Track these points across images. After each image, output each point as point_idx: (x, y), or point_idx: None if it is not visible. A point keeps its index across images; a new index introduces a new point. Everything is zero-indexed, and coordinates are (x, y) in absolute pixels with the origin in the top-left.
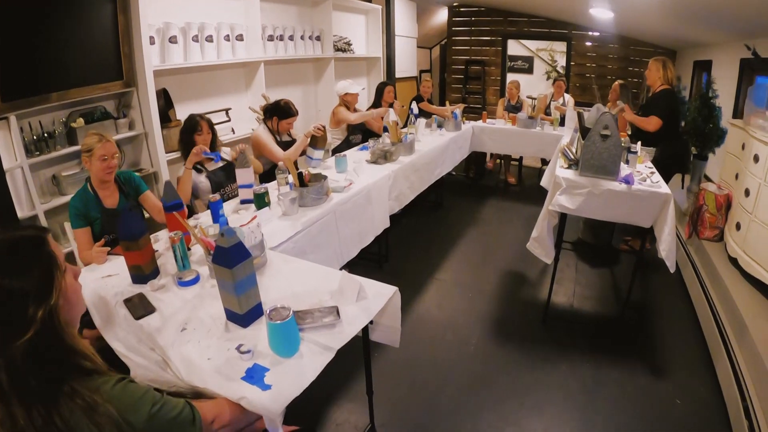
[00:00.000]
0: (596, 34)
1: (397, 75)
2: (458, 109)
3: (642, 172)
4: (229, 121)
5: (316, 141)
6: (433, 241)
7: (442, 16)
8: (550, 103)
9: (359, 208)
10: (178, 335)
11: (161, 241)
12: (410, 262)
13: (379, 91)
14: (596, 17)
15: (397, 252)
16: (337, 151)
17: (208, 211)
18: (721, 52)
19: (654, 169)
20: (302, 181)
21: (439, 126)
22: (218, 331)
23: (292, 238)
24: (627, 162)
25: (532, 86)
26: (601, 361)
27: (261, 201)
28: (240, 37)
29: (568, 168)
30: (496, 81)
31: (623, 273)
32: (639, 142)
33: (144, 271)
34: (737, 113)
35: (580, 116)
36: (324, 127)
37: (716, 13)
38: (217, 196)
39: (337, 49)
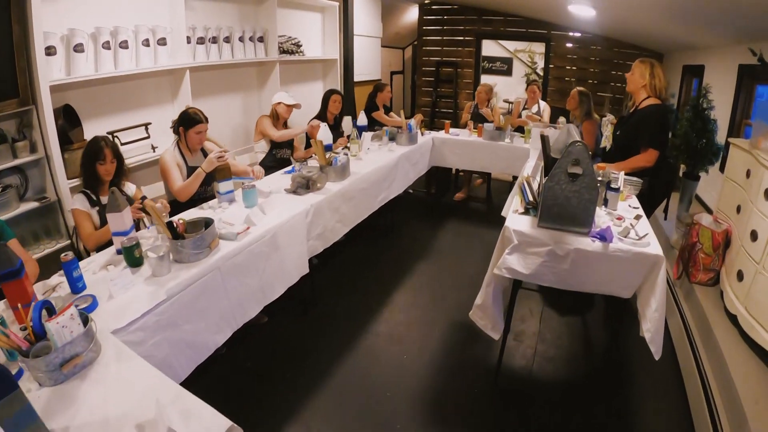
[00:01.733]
0: (577, 34)
1: (359, 78)
2: (414, 120)
3: (624, 217)
4: (148, 138)
5: (221, 173)
6: (376, 279)
7: (414, 14)
8: (521, 112)
9: (260, 258)
10: None
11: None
12: (343, 306)
13: (324, 100)
14: (576, 15)
15: (332, 291)
16: (263, 165)
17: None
18: (716, 56)
19: (641, 212)
20: (175, 231)
21: (391, 139)
22: None
23: (153, 311)
24: (605, 203)
25: (511, 89)
26: None
27: (131, 257)
28: (163, 41)
29: (524, 213)
30: (470, 84)
31: (596, 322)
32: (622, 172)
33: None
34: (733, 127)
35: (543, 140)
36: (225, 153)
37: (715, 12)
38: (70, 255)
39: (284, 51)
